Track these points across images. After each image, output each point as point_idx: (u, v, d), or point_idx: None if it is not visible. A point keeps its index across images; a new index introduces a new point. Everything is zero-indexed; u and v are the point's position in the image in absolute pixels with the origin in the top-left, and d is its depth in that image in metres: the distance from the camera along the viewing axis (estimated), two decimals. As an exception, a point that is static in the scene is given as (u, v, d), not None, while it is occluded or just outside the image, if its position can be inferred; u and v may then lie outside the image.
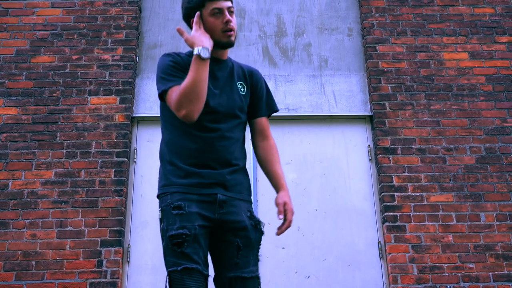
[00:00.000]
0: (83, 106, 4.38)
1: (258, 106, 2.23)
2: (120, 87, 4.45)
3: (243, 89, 2.19)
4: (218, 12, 2.04)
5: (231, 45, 2.09)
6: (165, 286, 1.92)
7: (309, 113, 4.52)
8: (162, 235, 1.95)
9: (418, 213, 4.10)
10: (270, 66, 4.71)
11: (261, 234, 2.06)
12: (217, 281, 2.02)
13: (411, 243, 4.01)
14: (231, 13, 2.08)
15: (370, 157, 4.43)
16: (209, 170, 2.01)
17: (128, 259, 4.07)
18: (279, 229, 2.04)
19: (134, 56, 4.59)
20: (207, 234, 1.97)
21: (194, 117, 1.93)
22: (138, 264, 4.07)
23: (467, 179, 4.21)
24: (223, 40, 2.06)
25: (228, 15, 2.04)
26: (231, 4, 2.09)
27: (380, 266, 4.10)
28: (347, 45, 4.81)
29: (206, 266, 1.92)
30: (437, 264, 3.96)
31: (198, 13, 2.02)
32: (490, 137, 4.35)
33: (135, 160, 4.38)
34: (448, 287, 3.88)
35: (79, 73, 4.49)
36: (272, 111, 2.26)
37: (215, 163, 2.03)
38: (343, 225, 4.22)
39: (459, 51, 4.64)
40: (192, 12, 2.10)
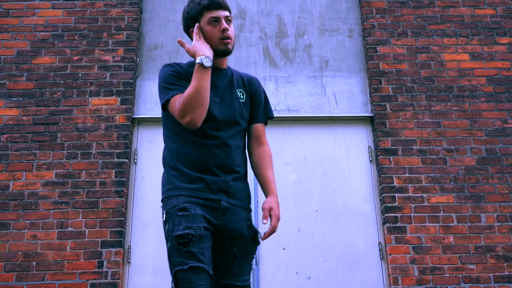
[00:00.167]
0: (83, 107, 4.39)
1: (255, 113, 2.28)
2: (121, 88, 4.46)
3: (242, 97, 2.23)
4: (215, 21, 2.09)
5: (228, 53, 2.14)
6: (171, 287, 1.94)
7: (309, 114, 4.52)
8: (167, 236, 1.97)
9: (418, 214, 4.10)
10: (271, 67, 4.71)
11: (258, 244, 2.12)
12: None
13: (411, 244, 4.01)
14: (228, 22, 2.13)
15: (370, 158, 4.43)
16: (212, 177, 2.05)
17: (129, 260, 4.07)
18: (264, 234, 2.09)
19: (135, 57, 4.59)
20: (211, 236, 2.00)
21: (198, 123, 1.97)
22: (138, 265, 4.07)
23: (468, 180, 4.21)
24: (220, 48, 2.11)
25: (225, 24, 2.10)
26: (229, 13, 2.14)
27: (381, 267, 4.10)
28: (347, 46, 4.81)
29: (211, 266, 1.95)
30: (438, 265, 3.95)
31: (197, 24, 2.08)
32: (491, 138, 4.35)
33: (135, 161, 4.38)
34: (449, 288, 3.88)
35: (79, 74, 4.50)
36: (269, 117, 2.32)
37: (218, 170, 2.06)
38: (343, 226, 4.22)
39: (459, 52, 4.64)
40: (192, 23, 2.16)
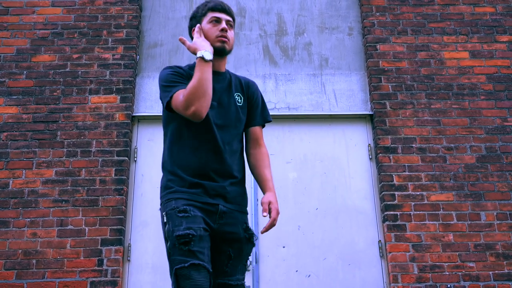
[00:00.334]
0: (83, 105, 4.38)
1: (253, 116, 2.33)
2: (121, 86, 4.45)
3: (240, 100, 2.28)
4: (216, 21, 2.19)
5: (224, 51, 2.20)
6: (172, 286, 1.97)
7: (309, 112, 4.52)
8: (167, 236, 2.00)
9: (418, 212, 4.10)
10: (271, 65, 4.71)
11: (253, 246, 2.19)
12: None
13: (411, 242, 4.01)
14: (229, 26, 2.22)
15: (370, 156, 4.43)
16: (211, 182, 2.09)
17: (129, 258, 4.08)
18: (264, 227, 2.15)
19: (135, 55, 4.59)
20: (209, 237, 2.04)
21: (202, 114, 2.00)
22: (138, 263, 4.08)
23: (468, 178, 4.21)
24: (216, 45, 2.17)
25: (224, 25, 2.19)
26: (231, 19, 2.24)
27: (381, 265, 4.10)
28: (347, 44, 4.81)
29: (210, 265, 1.99)
30: (438, 263, 3.96)
31: (198, 24, 2.17)
32: (491, 136, 4.35)
33: (135, 159, 4.38)
34: (449, 286, 3.89)
35: (79, 72, 4.49)
36: (266, 121, 2.37)
37: (216, 175, 2.11)
38: (343, 224, 4.22)
39: (459, 50, 4.64)
40: (195, 23, 2.25)
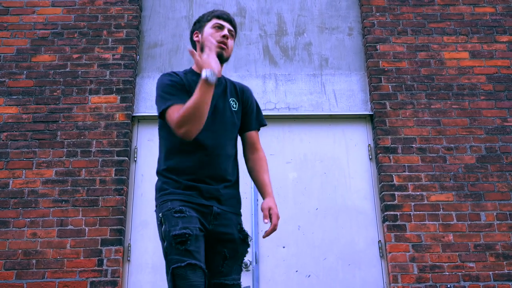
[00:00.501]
0: (83, 105, 4.38)
1: (249, 121, 2.38)
2: (121, 86, 4.45)
3: (235, 105, 2.32)
4: (219, 27, 2.27)
5: (222, 58, 2.25)
6: (168, 285, 1.98)
7: (309, 112, 4.52)
8: (164, 236, 2.03)
9: (418, 212, 4.10)
10: (271, 65, 4.71)
11: (248, 247, 2.23)
12: None
13: (411, 242, 4.02)
14: (231, 35, 2.29)
15: (370, 156, 4.43)
16: (205, 185, 2.13)
17: (129, 258, 4.08)
18: (265, 233, 2.21)
19: (135, 55, 4.59)
20: (204, 238, 2.08)
21: (192, 136, 2.04)
22: (138, 263, 4.08)
23: (468, 178, 4.21)
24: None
25: (226, 32, 2.26)
26: (234, 30, 2.32)
27: (381, 265, 4.10)
28: (347, 44, 4.81)
29: (205, 265, 2.02)
30: (438, 263, 3.96)
31: (213, 40, 2.16)
32: (491, 136, 4.35)
33: (135, 159, 4.38)
34: (449, 286, 3.89)
35: (79, 72, 4.49)
36: (262, 125, 2.42)
37: (210, 179, 2.15)
38: (343, 224, 4.22)
39: (459, 50, 4.64)
40: (198, 26, 2.31)
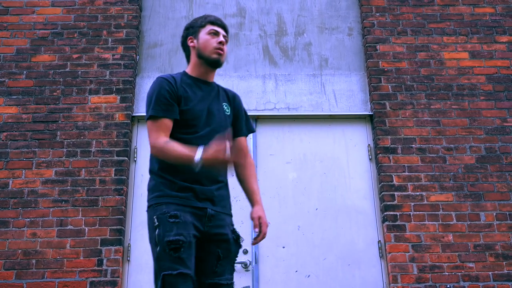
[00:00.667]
0: (83, 105, 4.38)
1: (239, 127, 2.45)
2: (121, 86, 4.45)
3: (227, 110, 2.39)
4: (215, 34, 2.33)
5: (219, 64, 2.33)
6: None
7: (309, 112, 4.52)
8: (157, 240, 2.05)
9: (418, 212, 4.10)
10: (271, 65, 4.71)
11: (240, 247, 2.28)
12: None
13: (411, 242, 4.02)
14: (225, 41, 2.37)
15: (370, 156, 4.43)
16: (200, 186, 2.16)
17: (128, 258, 4.08)
18: (254, 239, 2.28)
19: (135, 55, 4.59)
20: (196, 244, 2.12)
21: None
22: (138, 263, 4.07)
23: (467, 178, 4.22)
24: (213, 56, 2.30)
25: (222, 38, 2.33)
26: (227, 35, 2.39)
27: (380, 265, 4.11)
28: (347, 45, 4.81)
29: (194, 272, 2.06)
30: (437, 264, 3.96)
31: (232, 140, 2.20)
32: (490, 136, 4.35)
33: (135, 159, 4.38)
34: (448, 286, 3.89)
35: (79, 72, 4.49)
36: (251, 131, 2.50)
37: (205, 180, 2.18)
38: (343, 224, 4.22)
39: (459, 50, 4.64)
40: (192, 32, 2.37)
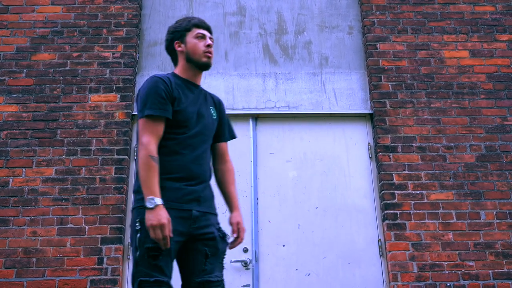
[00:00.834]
0: (83, 104, 4.38)
1: (222, 132, 2.49)
2: (121, 85, 4.45)
3: (214, 114, 2.43)
4: (202, 37, 2.37)
5: (208, 66, 2.37)
6: None
7: (309, 111, 4.52)
8: (138, 245, 2.07)
9: (418, 211, 4.10)
10: (271, 64, 4.71)
11: (227, 245, 2.30)
12: (185, 286, 2.18)
13: (411, 241, 4.02)
14: (212, 43, 2.41)
15: (370, 155, 4.43)
16: (188, 187, 2.18)
17: (129, 257, 4.08)
18: (231, 244, 2.32)
19: (135, 54, 4.59)
20: (178, 248, 2.13)
21: None
22: (138, 262, 4.08)
23: (467, 177, 4.22)
24: (202, 60, 2.34)
25: (209, 41, 2.38)
26: (212, 36, 2.44)
27: (380, 263, 4.11)
28: (347, 43, 4.80)
29: (171, 278, 2.08)
30: (437, 262, 3.96)
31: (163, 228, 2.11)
32: (491, 135, 4.35)
33: (135, 157, 4.38)
34: (448, 285, 3.89)
35: (79, 71, 4.49)
36: (232, 137, 2.55)
37: (193, 180, 2.20)
38: (343, 223, 4.22)
39: (459, 49, 4.64)
40: (178, 36, 2.39)
